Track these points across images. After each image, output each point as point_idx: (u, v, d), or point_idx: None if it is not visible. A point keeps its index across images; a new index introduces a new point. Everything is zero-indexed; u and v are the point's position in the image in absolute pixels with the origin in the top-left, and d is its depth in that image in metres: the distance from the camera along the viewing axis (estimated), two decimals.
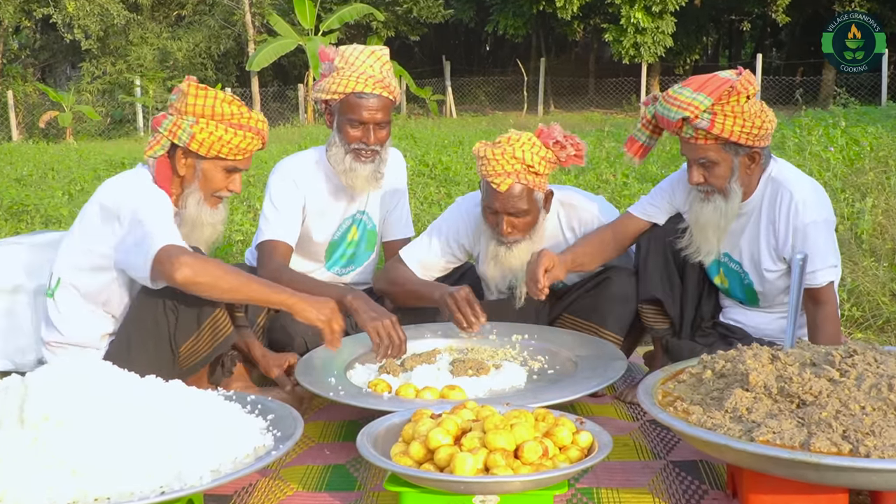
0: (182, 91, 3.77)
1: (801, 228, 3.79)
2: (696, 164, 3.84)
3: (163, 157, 3.78)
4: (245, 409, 3.21)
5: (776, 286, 4.00)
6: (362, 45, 4.42)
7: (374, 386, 3.59)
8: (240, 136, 3.76)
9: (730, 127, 3.69)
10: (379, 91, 4.27)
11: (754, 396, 2.86)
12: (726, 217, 3.88)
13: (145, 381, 3.00)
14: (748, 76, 3.74)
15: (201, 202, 3.82)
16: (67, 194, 11.87)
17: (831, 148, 9.80)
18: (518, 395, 3.55)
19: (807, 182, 3.91)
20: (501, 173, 4.06)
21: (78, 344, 3.78)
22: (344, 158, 4.36)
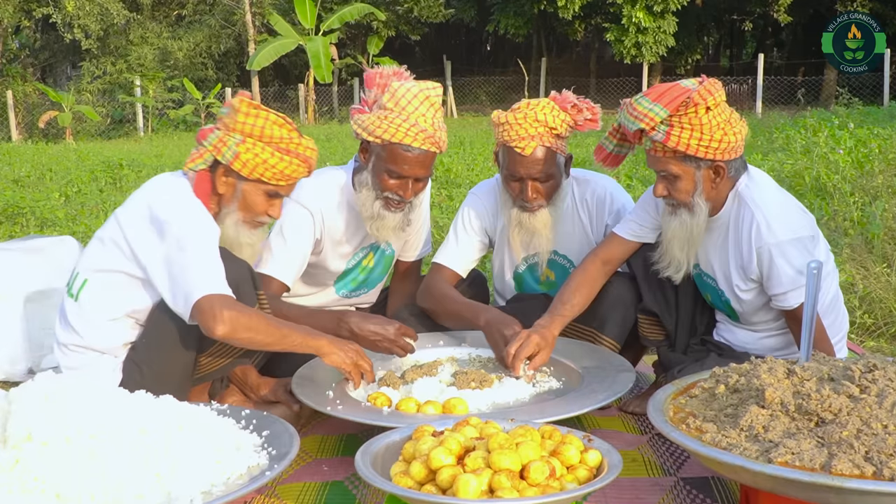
0: (233, 107, 3.58)
1: (765, 249, 3.60)
2: (659, 176, 3.69)
3: (203, 171, 3.61)
4: (239, 424, 3.10)
5: (752, 304, 3.82)
6: (414, 85, 4.02)
7: (373, 399, 3.47)
8: (286, 162, 3.58)
9: (686, 140, 3.52)
10: (427, 146, 3.97)
11: (771, 414, 2.73)
12: (692, 232, 3.71)
13: (134, 397, 2.88)
14: (711, 85, 3.53)
15: (239, 223, 3.65)
16: (64, 196, 11.75)
17: (840, 150, 9.64)
18: (523, 409, 3.43)
19: (773, 199, 3.69)
20: (525, 137, 4.02)
21: (98, 349, 3.60)
22: (373, 204, 4.08)
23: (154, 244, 3.42)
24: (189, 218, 3.45)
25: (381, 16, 30.32)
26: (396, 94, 3.98)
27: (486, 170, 12.65)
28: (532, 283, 4.55)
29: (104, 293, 3.55)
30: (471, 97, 33.12)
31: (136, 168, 14.86)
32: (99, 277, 3.55)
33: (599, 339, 4.10)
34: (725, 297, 3.86)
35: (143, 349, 3.57)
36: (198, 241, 3.38)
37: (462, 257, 4.45)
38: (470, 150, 15.52)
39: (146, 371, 3.52)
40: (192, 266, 3.32)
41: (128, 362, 3.59)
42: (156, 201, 3.50)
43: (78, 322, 3.59)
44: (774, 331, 3.88)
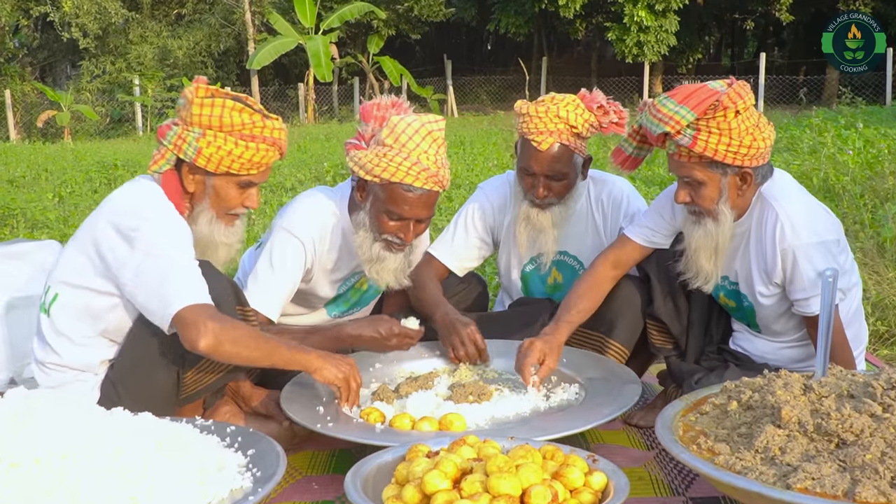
0: (187, 98, 3.33)
1: (789, 252, 3.43)
2: (682, 182, 3.52)
3: (170, 171, 3.38)
4: (224, 442, 2.91)
5: (774, 311, 3.65)
6: (415, 119, 3.74)
7: (366, 415, 3.29)
8: (252, 149, 3.34)
9: (714, 145, 3.35)
10: (430, 186, 3.71)
11: (788, 434, 2.57)
12: (718, 241, 3.53)
13: (109, 415, 2.71)
14: (740, 88, 3.35)
15: (214, 220, 3.43)
16: (58, 197, 11.59)
17: (849, 151, 9.45)
18: (523, 425, 3.26)
19: (798, 200, 3.53)
20: (543, 131, 3.92)
21: (76, 368, 3.38)
22: (372, 246, 3.83)
23: (125, 254, 3.18)
24: (158, 222, 3.23)
25: (381, 14, 30.18)
26: (396, 129, 3.71)
27: (487, 170, 12.49)
28: (538, 283, 4.42)
29: (75, 311, 3.33)
30: (471, 96, 33.03)
31: (131, 168, 14.69)
32: (70, 292, 3.33)
33: (607, 345, 3.94)
34: (748, 302, 3.69)
35: (119, 368, 3.36)
36: (171, 246, 3.17)
37: (455, 253, 4.32)
38: (470, 150, 15.37)
39: (123, 391, 3.31)
40: (169, 273, 3.11)
41: (105, 381, 3.38)
42: (122, 209, 3.28)
43: (52, 338, 3.38)
44: (796, 341, 3.71)
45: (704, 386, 3.38)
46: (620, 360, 3.92)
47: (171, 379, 3.32)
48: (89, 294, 3.29)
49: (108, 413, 2.73)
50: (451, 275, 4.36)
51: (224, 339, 3.05)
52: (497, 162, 13.45)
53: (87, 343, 3.35)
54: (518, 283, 4.43)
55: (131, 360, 3.33)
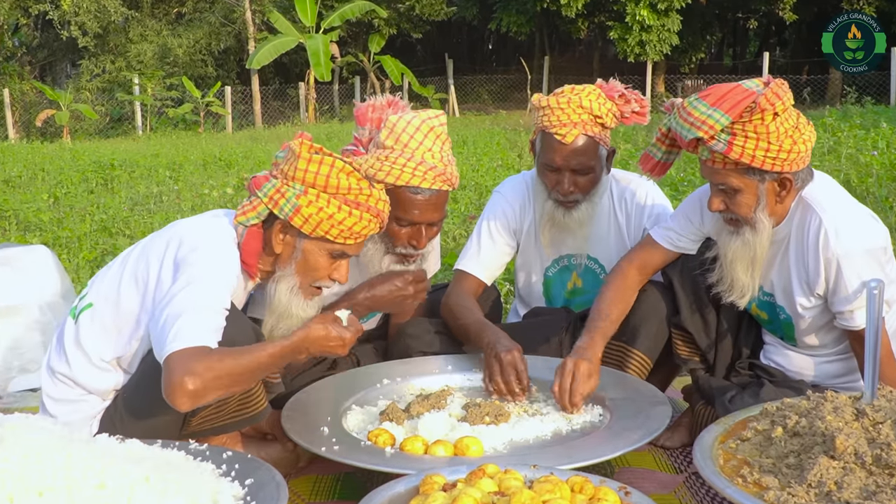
0: (293, 151, 3.07)
1: (833, 261, 3.15)
2: (715, 189, 3.25)
3: (257, 226, 3.10)
4: (219, 469, 2.66)
5: (814, 324, 3.37)
6: (415, 116, 3.52)
7: (374, 437, 3.03)
8: (355, 217, 3.06)
9: (751, 151, 3.08)
10: (439, 185, 3.49)
11: (843, 466, 2.33)
12: (756, 252, 3.27)
13: (92, 444, 2.47)
14: (778, 88, 3.08)
15: (295, 290, 3.14)
16: (53, 197, 11.36)
17: (874, 152, 9.18)
18: (545, 450, 3.00)
19: (842, 204, 3.27)
20: (567, 123, 3.71)
21: (84, 387, 3.11)
22: (382, 260, 3.62)
23: (168, 281, 2.91)
24: (213, 268, 2.91)
25: (382, 13, 30.01)
26: (396, 129, 3.48)
27: (493, 170, 12.27)
28: (559, 289, 4.17)
29: (102, 328, 3.07)
30: (473, 96, 32.89)
31: (128, 168, 14.47)
32: (105, 307, 3.07)
33: (629, 355, 3.67)
34: (785, 314, 3.41)
35: (123, 405, 3.09)
36: (205, 293, 2.83)
37: (486, 264, 4.05)
38: (473, 150, 15.17)
39: (122, 430, 2.96)
40: (183, 315, 2.75)
41: (106, 415, 3.12)
42: (190, 239, 2.98)
43: (71, 348, 3.11)
44: (835, 355, 3.43)
45: (739, 406, 3.13)
46: (643, 372, 3.67)
47: (176, 422, 3.03)
48: (122, 315, 3.04)
49: (91, 441, 2.49)
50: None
51: (203, 392, 2.65)
52: (502, 162, 13.24)
53: (101, 366, 3.09)
54: (540, 287, 4.18)
55: (137, 397, 3.06)
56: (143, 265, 3.01)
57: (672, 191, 8.81)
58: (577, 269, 4.09)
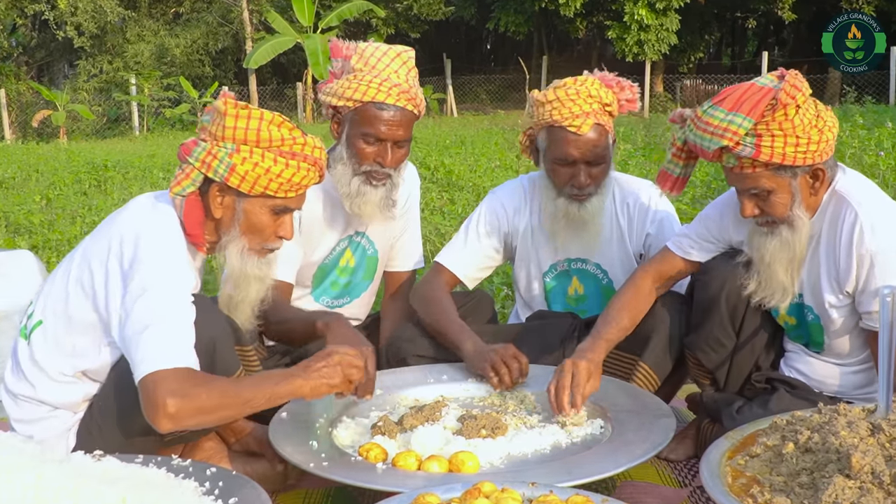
0: (218, 110, 2.93)
1: (867, 257, 3.01)
2: (746, 195, 3.10)
3: (193, 195, 2.95)
4: (203, 487, 2.53)
5: (843, 325, 3.22)
6: (385, 45, 3.75)
7: (365, 452, 2.90)
8: (293, 168, 2.94)
9: (780, 149, 2.95)
10: (403, 103, 3.62)
11: (860, 486, 2.19)
12: (796, 250, 3.12)
13: (63, 463, 2.33)
14: (794, 80, 2.95)
15: (245, 252, 3.01)
16: (45, 199, 11.24)
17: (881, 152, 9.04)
18: (544, 465, 2.86)
19: (879, 199, 3.14)
20: (579, 114, 3.63)
21: (51, 404, 2.97)
22: (351, 181, 3.68)
23: (118, 289, 2.78)
24: (160, 262, 2.78)
25: (380, 13, 29.90)
26: (365, 53, 3.68)
27: (490, 171, 12.16)
28: (560, 295, 4.05)
29: (56, 344, 2.93)
30: (471, 96, 32.81)
31: (122, 169, 14.36)
32: (55, 322, 2.93)
33: (636, 368, 3.56)
34: (813, 315, 3.26)
35: (98, 413, 2.96)
36: (165, 296, 2.73)
37: (467, 261, 3.96)
38: (472, 150, 15.07)
39: (100, 440, 2.88)
40: (149, 328, 2.65)
41: (82, 426, 2.98)
42: (130, 238, 2.83)
43: (28, 368, 2.97)
44: (861, 364, 3.27)
45: (747, 417, 3.00)
46: (649, 387, 3.54)
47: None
48: (75, 327, 2.90)
49: (65, 460, 2.36)
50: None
51: (186, 414, 2.58)
52: (500, 163, 13.12)
53: (65, 381, 2.95)
54: (542, 293, 4.07)
55: (112, 405, 2.93)
56: (87, 273, 2.87)
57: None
58: (577, 275, 3.98)
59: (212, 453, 3.20)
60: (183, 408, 2.57)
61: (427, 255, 6.97)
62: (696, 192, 8.81)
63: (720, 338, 3.37)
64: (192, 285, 2.86)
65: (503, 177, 10.92)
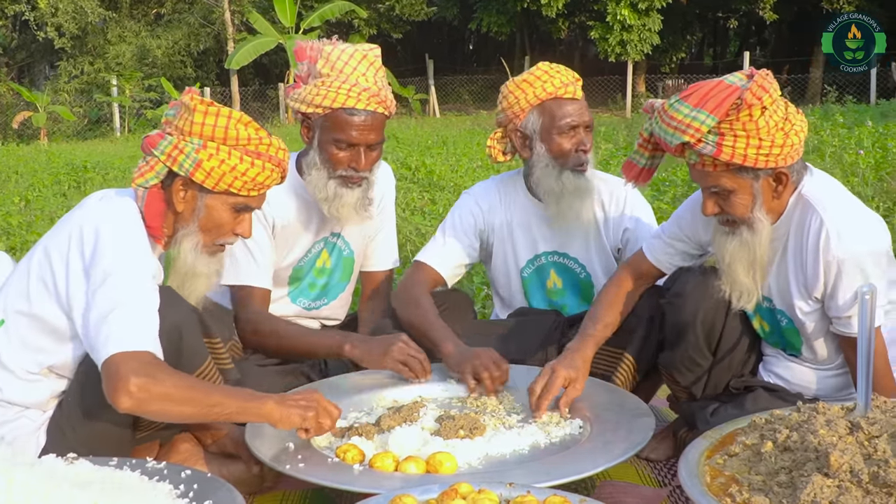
0: (186, 106, 2.95)
1: (834, 263, 2.97)
2: (708, 192, 3.07)
3: (155, 187, 2.96)
4: (177, 490, 2.50)
5: (817, 328, 3.18)
6: (350, 46, 3.70)
7: (342, 453, 2.88)
8: (258, 167, 2.97)
9: (742, 150, 2.89)
10: (374, 107, 3.60)
11: (839, 485, 2.18)
12: (756, 252, 3.08)
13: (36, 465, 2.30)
14: (763, 80, 2.89)
15: (199, 248, 3.03)
16: (24, 200, 11.17)
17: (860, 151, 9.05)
18: (522, 466, 2.84)
19: (846, 204, 3.08)
20: (569, 83, 3.80)
21: (20, 404, 2.93)
22: (326, 185, 3.67)
23: (80, 282, 2.78)
24: (120, 253, 2.78)
25: (362, 14, 29.87)
26: (331, 57, 3.62)
27: (472, 171, 12.14)
28: (538, 288, 4.05)
29: (20, 342, 2.89)
30: (453, 96, 32.80)
31: (101, 170, 14.30)
32: (17, 320, 2.90)
33: (620, 359, 3.57)
34: (787, 318, 3.23)
35: (69, 408, 2.93)
36: (127, 283, 2.73)
37: (447, 259, 3.96)
38: (454, 151, 15.06)
39: (72, 435, 2.87)
40: (112, 314, 2.67)
41: (52, 424, 2.95)
42: (86, 230, 2.82)
43: None
44: (840, 367, 3.24)
45: (722, 419, 2.97)
46: (629, 374, 3.56)
47: (127, 420, 2.88)
48: (39, 324, 2.87)
49: (36, 463, 2.32)
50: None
51: (150, 396, 2.60)
52: (482, 163, 13.11)
53: (32, 379, 2.92)
54: (519, 289, 4.08)
55: (82, 400, 2.90)
56: (48, 268, 2.85)
57: (653, 191, 8.69)
58: (554, 268, 3.98)
59: (187, 455, 3.17)
60: (146, 388, 2.58)
61: (408, 255, 6.98)
62: (677, 191, 8.80)
63: (696, 358, 3.35)
64: (154, 272, 2.87)
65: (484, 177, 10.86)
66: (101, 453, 2.69)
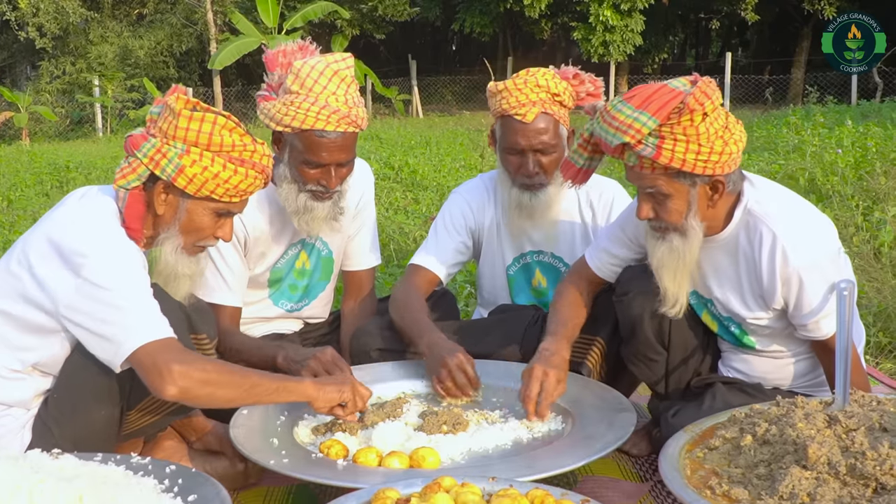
0: (171, 109, 2.91)
1: (794, 275, 2.99)
2: (644, 195, 3.07)
3: (137, 188, 2.93)
4: (162, 485, 2.51)
5: (772, 332, 3.23)
6: (321, 60, 3.53)
7: (326, 449, 2.89)
8: (241, 175, 2.93)
9: (681, 154, 2.89)
10: (344, 128, 3.50)
11: (816, 476, 2.21)
12: (684, 259, 3.08)
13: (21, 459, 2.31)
14: (706, 87, 2.88)
15: (179, 250, 3.00)
16: (7, 201, 11.14)
17: (839, 150, 9.11)
18: (505, 460, 2.87)
19: (792, 213, 3.09)
20: (526, 103, 3.68)
21: (3, 403, 2.91)
22: (297, 198, 3.63)
23: (67, 282, 2.75)
24: (108, 250, 2.79)
25: (345, 14, 29.79)
26: (300, 74, 3.49)
27: (455, 171, 12.16)
28: (523, 286, 4.07)
29: (6, 340, 2.88)
30: (436, 97, 32.75)
31: (84, 170, 14.25)
32: (1, 319, 2.88)
33: (591, 343, 3.62)
34: (735, 324, 3.26)
35: (55, 405, 2.92)
36: (123, 277, 2.75)
37: (441, 259, 3.97)
38: (437, 151, 15.06)
39: (58, 431, 2.88)
40: (120, 308, 2.69)
41: (38, 421, 2.94)
42: (67, 229, 2.82)
43: None
44: (801, 354, 3.28)
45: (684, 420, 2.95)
46: (598, 357, 3.62)
47: (113, 417, 2.89)
48: (22, 323, 2.85)
49: (20, 458, 2.33)
50: None
51: (194, 382, 2.66)
52: (465, 163, 13.13)
53: (14, 377, 2.90)
54: (504, 287, 4.10)
55: (68, 396, 2.90)
56: (26, 269, 2.83)
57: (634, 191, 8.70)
58: (539, 267, 4.00)
59: (171, 452, 3.19)
60: (190, 375, 2.65)
61: (391, 254, 7.00)
62: None
63: (649, 354, 3.40)
64: (143, 262, 2.87)
65: (467, 176, 10.93)
66: (86, 450, 2.70)
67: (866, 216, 6.78)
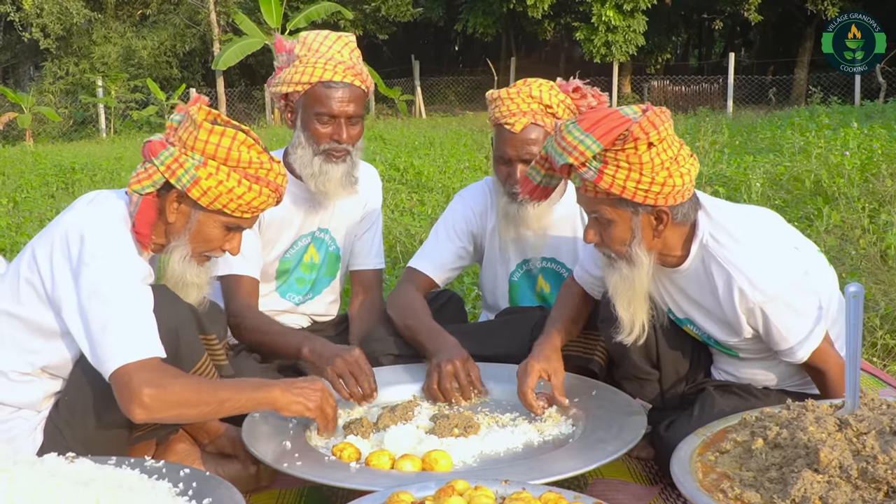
0: (192, 119, 2.93)
1: (756, 309, 2.98)
2: (590, 219, 3.07)
3: (151, 194, 2.94)
4: (176, 488, 2.53)
5: (754, 348, 3.22)
6: (326, 31, 3.86)
7: (338, 451, 2.92)
8: (255, 192, 2.96)
9: (622, 181, 2.87)
10: (350, 79, 3.74)
11: (828, 480, 2.22)
12: (635, 287, 3.07)
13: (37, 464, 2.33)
14: (654, 116, 2.86)
15: (187, 259, 3.02)
16: (12, 202, 11.15)
17: (846, 152, 9.11)
18: (517, 463, 2.89)
19: (748, 246, 3.02)
20: (516, 113, 3.68)
21: (13, 405, 2.93)
22: (312, 161, 3.78)
23: (68, 288, 2.78)
24: (109, 259, 2.79)
25: (348, 14, 29.84)
26: (307, 40, 3.81)
27: (459, 172, 12.16)
28: (528, 293, 4.09)
29: (12, 344, 2.89)
30: (439, 97, 32.78)
31: (90, 172, 14.26)
32: (7, 322, 2.89)
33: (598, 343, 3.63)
34: (715, 342, 3.27)
35: (66, 407, 2.93)
36: (116, 289, 2.75)
37: (440, 262, 3.98)
38: (441, 152, 15.06)
39: (69, 434, 2.89)
40: (107, 325, 2.70)
41: (49, 423, 2.95)
42: (75, 234, 2.82)
43: None
44: None
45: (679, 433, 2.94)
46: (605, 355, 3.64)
47: (124, 420, 2.85)
48: (30, 325, 2.87)
49: (37, 462, 2.35)
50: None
51: (163, 405, 2.67)
52: (469, 164, 13.14)
53: (23, 380, 2.91)
54: (506, 293, 4.11)
55: (79, 399, 2.90)
56: (36, 272, 2.85)
57: None
58: (542, 273, 4.02)
59: (184, 455, 3.21)
60: (159, 398, 2.65)
61: (397, 256, 7.02)
62: None
63: (640, 375, 3.42)
64: (144, 275, 2.87)
65: (472, 178, 10.95)
66: (98, 452, 2.71)
67: (873, 218, 6.80)
